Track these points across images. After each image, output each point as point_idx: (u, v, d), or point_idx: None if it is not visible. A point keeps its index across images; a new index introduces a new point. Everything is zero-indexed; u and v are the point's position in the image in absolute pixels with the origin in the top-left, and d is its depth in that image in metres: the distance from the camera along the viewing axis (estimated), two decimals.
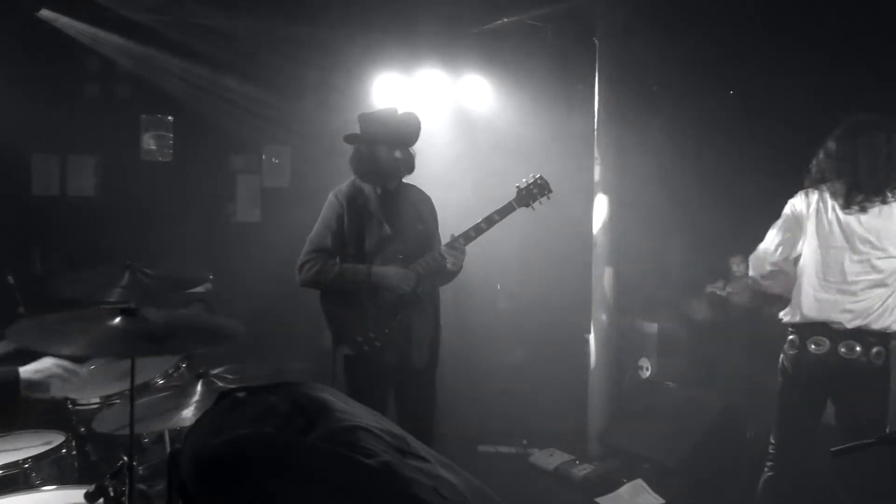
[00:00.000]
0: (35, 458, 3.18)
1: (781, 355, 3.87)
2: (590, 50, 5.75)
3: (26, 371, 2.66)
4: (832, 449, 2.63)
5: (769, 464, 3.91)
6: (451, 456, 1.45)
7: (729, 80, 5.97)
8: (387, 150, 3.94)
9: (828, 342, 3.66)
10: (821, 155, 3.79)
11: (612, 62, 5.70)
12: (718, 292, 5.92)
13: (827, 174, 3.74)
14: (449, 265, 3.92)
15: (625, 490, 5.00)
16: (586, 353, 5.93)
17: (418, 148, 4.08)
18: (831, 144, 3.75)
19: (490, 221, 3.98)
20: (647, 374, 5.86)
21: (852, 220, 3.64)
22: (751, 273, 4.01)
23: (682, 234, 6.10)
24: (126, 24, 5.99)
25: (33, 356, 2.74)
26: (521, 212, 4.11)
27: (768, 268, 3.85)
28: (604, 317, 5.78)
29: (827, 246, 3.70)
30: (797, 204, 3.81)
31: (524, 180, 4.09)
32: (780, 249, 3.81)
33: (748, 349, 5.39)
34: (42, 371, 2.69)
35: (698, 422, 5.14)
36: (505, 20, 6.25)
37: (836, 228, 3.68)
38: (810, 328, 3.72)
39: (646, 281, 6.08)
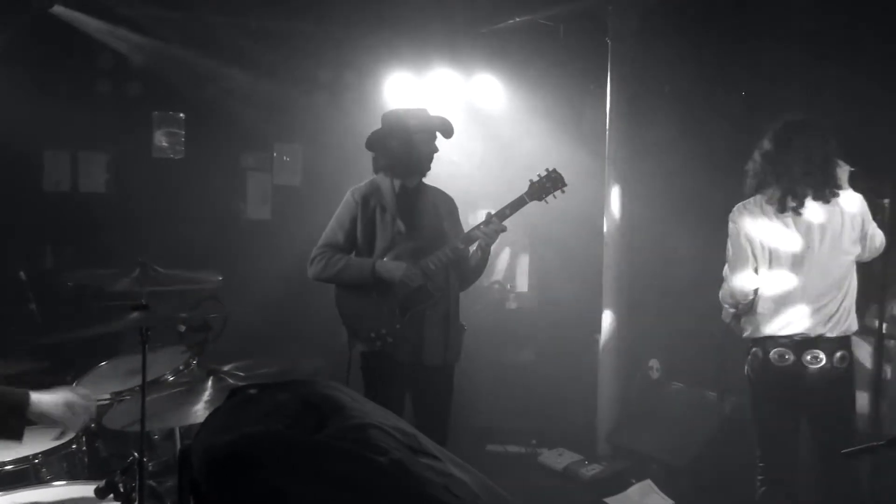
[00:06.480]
0: (45, 454, 3.18)
1: (746, 366, 3.78)
2: (602, 50, 5.74)
3: (38, 396, 2.57)
4: (843, 451, 2.64)
5: (760, 478, 3.81)
6: (459, 455, 1.45)
7: (741, 81, 5.94)
8: (425, 139, 3.96)
9: (792, 354, 3.56)
10: (756, 157, 3.67)
11: (625, 62, 5.70)
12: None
13: (765, 177, 3.62)
14: (482, 241, 3.89)
15: (634, 490, 4.99)
16: (596, 353, 5.92)
17: None
18: (768, 146, 3.62)
19: (502, 216, 3.89)
20: (657, 374, 5.84)
21: (802, 226, 3.53)
22: (727, 306, 3.84)
23: (694, 234, 6.07)
24: (137, 21, 6.01)
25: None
26: (531, 213, 4.05)
27: (750, 295, 3.66)
28: (613, 317, 5.77)
29: (778, 256, 3.59)
30: (742, 220, 3.66)
31: (538, 174, 3.97)
32: (752, 272, 3.65)
33: None
34: (56, 397, 2.61)
35: (707, 422, 5.13)
36: (517, 19, 6.25)
37: (787, 237, 3.56)
38: (772, 341, 3.62)
39: (657, 281, 6.05)
